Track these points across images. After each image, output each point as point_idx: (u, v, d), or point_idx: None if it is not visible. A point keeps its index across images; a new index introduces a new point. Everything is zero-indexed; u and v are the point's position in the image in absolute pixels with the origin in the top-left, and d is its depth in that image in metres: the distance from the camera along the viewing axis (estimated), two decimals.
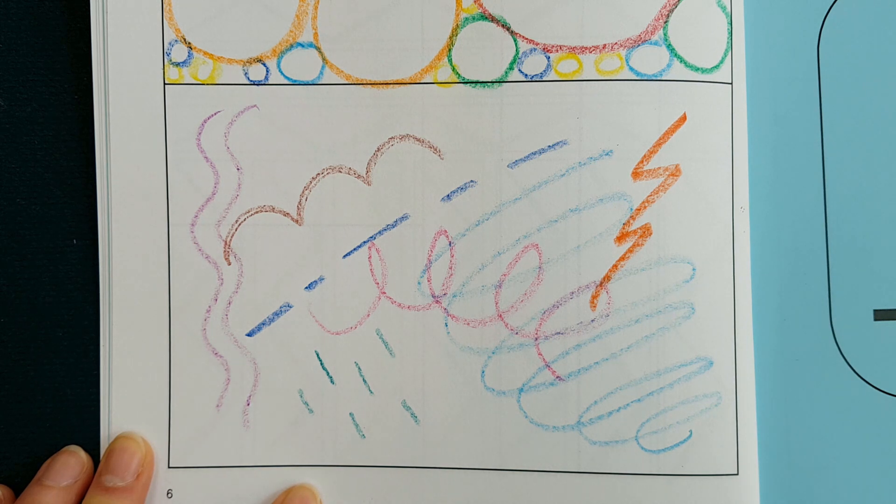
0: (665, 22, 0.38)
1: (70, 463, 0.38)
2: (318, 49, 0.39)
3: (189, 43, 0.39)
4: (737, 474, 0.38)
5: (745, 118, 0.38)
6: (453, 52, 0.38)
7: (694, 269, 0.38)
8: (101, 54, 0.39)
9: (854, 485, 0.39)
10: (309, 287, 0.39)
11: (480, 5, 0.38)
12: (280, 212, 0.39)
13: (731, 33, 0.38)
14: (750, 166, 0.39)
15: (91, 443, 0.39)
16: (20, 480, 0.39)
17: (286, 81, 0.39)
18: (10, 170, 0.39)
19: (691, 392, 0.38)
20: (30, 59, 0.39)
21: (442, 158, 0.39)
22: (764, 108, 0.39)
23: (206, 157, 0.39)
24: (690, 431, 0.38)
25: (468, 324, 0.39)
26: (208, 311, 0.39)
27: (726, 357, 0.38)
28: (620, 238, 0.38)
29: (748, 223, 0.38)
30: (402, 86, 0.39)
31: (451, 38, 0.38)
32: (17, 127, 0.39)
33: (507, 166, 0.38)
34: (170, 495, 0.39)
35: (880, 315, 0.39)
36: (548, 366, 0.38)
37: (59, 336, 0.39)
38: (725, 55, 0.38)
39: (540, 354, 0.38)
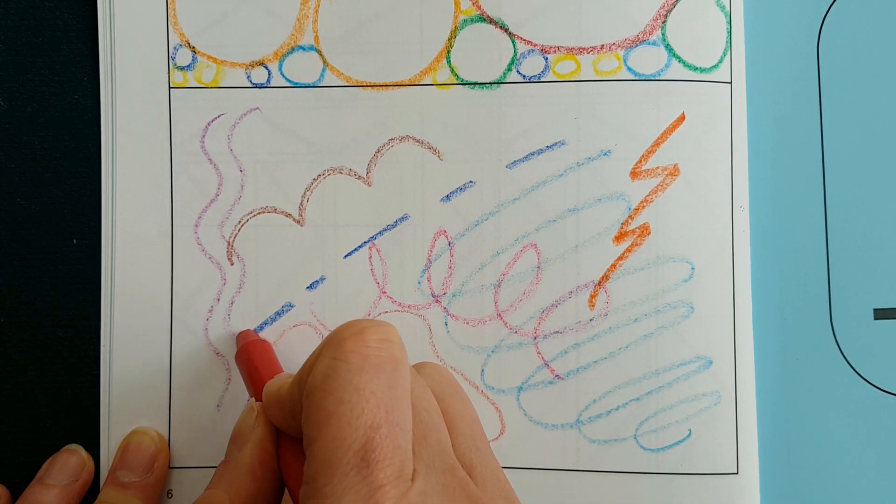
0: (663, 22, 0.39)
1: (71, 462, 0.39)
2: (319, 52, 0.39)
3: (193, 47, 0.39)
4: (736, 473, 0.38)
5: (744, 117, 0.39)
6: (452, 54, 0.39)
7: (693, 269, 0.39)
8: (108, 59, 0.39)
9: (854, 484, 0.39)
10: (310, 287, 0.39)
11: (479, 7, 0.39)
12: (282, 212, 0.40)
13: (730, 32, 0.39)
14: (750, 165, 0.39)
15: (91, 443, 0.39)
16: (20, 480, 0.39)
17: (288, 84, 0.39)
18: (10, 170, 0.40)
19: (690, 391, 0.39)
20: (30, 59, 0.40)
21: (441, 159, 0.39)
22: (764, 107, 0.40)
23: (209, 159, 0.39)
24: (689, 430, 0.39)
25: (468, 323, 0.39)
26: (210, 311, 0.39)
27: (726, 356, 0.39)
28: (619, 238, 0.39)
29: (748, 222, 0.39)
30: (401, 87, 0.39)
31: (449, 40, 0.39)
32: (17, 127, 0.40)
33: (506, 167, 0.39)
34: (170, 495, 0.39)
35: (880, 314, 0.39)
36: (546, 364, 0.39)
37: (59, 336, 0.40)
38: (725, 54, 0.39)
39: (539, 353, 0.39)
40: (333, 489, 0.25)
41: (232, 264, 0.40)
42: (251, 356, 0.36)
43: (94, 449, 0.40)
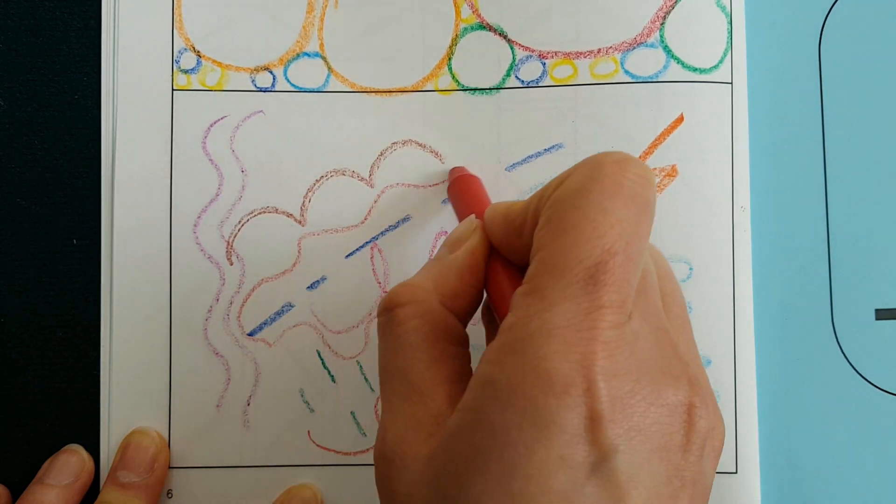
0: (662, 24, 0.39)
1: (71, 462, 0.39)
2: (324, 58, 0.40)
3: (198, 51, 0.40)
4: (736, 473, 0.39)
5: (745, 117, 0.39)
6: (453, 61, 0.40)
7: (691, 269, 0.39)
8: (111, 61, 0.40)
9: (854, 484, 0.39)
10: (311, 287, 0.40)
11: (479, 15, 0.40)
12: (283, 213, 0.40)
13: (730, 32, 0.39)
14: (751, 165, 0.40)
15: (91, 443, 0.40)
16: (20, 480, 0.39)
17: (292, 89, 0.40)
18: (10, 170, 0.40)
19: None
20: (30, 59, 0.40)
21: (443, 162, 0.40)
22: (765, 107, 0.40)
23: (210, 160, 0.40)
24: None
25: None
26: (210, 311, 0.40)
27: (725, 356, 0.39)
28: None
29: (749, 222, 0.40)
30: (404, 93, 0.40)
31: (450, 47, 0.40)
32: (17, 127, 0.40)
33: (505, 169, 0.40)
34: (170, 495, 0.40)
35: (882, 314, 0.40)
36: None
37: (59, 336, 0.40)
38: (725, 55, 0.39)
39: None
40: (554, 293, 0.24)
41: (231, 264, 0.40)
42: (468, 185, 0.37)
43: (94, 449, 0.40)
